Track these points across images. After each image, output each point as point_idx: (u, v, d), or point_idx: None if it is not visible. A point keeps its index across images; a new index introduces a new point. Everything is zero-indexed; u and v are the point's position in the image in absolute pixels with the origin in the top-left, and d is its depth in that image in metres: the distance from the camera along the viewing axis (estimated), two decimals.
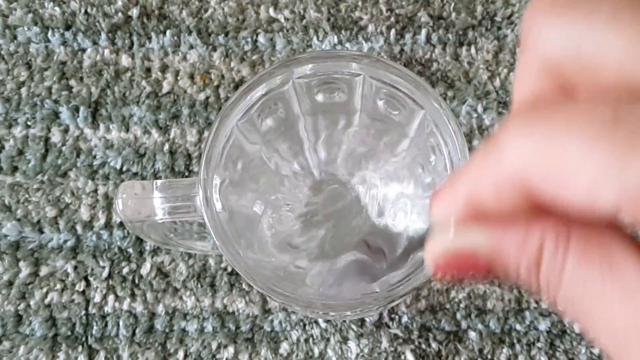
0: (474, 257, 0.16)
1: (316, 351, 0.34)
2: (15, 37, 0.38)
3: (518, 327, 0.34)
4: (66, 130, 0.36)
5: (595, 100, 0.13)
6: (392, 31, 0.37)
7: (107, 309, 0.34)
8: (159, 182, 0.26)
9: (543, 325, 0.34)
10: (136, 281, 0.35)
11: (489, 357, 0.34)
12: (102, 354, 0.34)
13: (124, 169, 0.36)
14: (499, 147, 0.14)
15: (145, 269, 0.35)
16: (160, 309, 0.34)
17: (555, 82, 0.15)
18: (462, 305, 0.34)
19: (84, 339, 0.34)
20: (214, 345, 0.34)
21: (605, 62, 0.14)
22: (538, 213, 0.14)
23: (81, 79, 0.37)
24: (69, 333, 0.34)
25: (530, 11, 0.15)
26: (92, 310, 0.34)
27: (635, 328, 0.14)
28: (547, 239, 0.14)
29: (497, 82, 0.37)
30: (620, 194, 0.12)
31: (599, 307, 0.14)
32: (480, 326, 0.34)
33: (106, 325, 0.34)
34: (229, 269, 0.35)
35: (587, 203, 0.13)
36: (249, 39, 0.37)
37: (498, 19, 0.38)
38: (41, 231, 0.35)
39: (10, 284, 0.35)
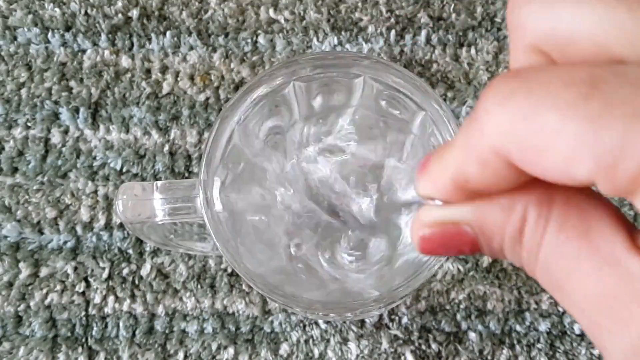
0: (459, 230, 0.16)
1: (316, 352, 0.34)
2: (15, 38, 0.38)
3: (518, 328, 0.34)
4: (66, 131, 0.36)
5: (572, 65, 0.13)
6: (392, 32, 0.37)
7: (107, 310, 0.34)
8: (159, 183, 0.26)
9: (543, 326, 0.34)
10: (136, 282, 0.35)
11: (489, 358, 0.34)
12: (102, 355, 0.34)
13: (124, 170, 0.36)
14: (479, 120, 0.14)
15: (145, 270, 0.35)
16: (160, 310, 0.34)
17: (544, 58, 0.15)
18: (462, 306, 0.34)
19: (83, 340, 0.34)
20: (214, 346, 0.34)
21: (579, 37, 0.14)
22: (524, 185, 0.14)
23: (81, 80, 0.37)
24: (69, 334, 0.34)
25: None
26: (92, 311, 0.34)
27: (606, 299, 0.14)
28: (529, 209, 0.15)
29: None
30: (593, 166, 0.12)
31: (573, 276, 0.14)
32: (480, 327, 0.34)
33: (106, 326, 0.34)
34: (229, 270, 0.35)
35: (564, 174, 0.13)
36: (249, 40, 0.38)
37: (498, 20, 0.38)
38: (41, 232, 0.35)
39: (10, 285, 0.35)
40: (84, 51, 0.37)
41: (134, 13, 0.38)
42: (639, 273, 0.13)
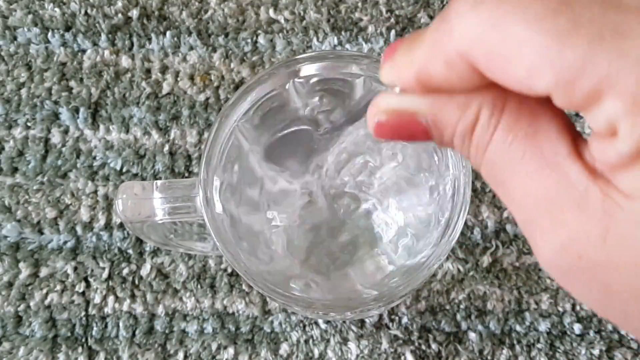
0: (414, 119, 0.16)
1: (316, 352, 0.34)
2: (15, 38, 0.38)
3: (518, 328, 0.34)
4: (66, 131, 0.36)
5: None
6: (392, 32, 0.38)
7: (107, 310, 0.34)
8: (158, 182, 0.26)
9: (543, 326, 0.34)
10: (136, 282, 0.35)
11: (489, 358, 0.34)
12: (102, 355, 0.34)
13: (124, 170, 0.36)
14: (450, 21, 0.14)
15: (145, 270, 0.35)
16: (160, 310, 0.34)
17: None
18: (462, 307, 0.34)
19: (83, 340, 0.34)
20: (214, 346, 0.34)
21: None
22: (482, 86, 0.15)
23: (81, 80, 0.37)
24: (69, 334, 0.34)
25: None
26: (92, 311, 0.34)
27: (543, 199, 0.14)
28: (483, 108, 0.15)
29: None
30: (552, 80, 0.13)
31: (515, 175, 0.15)
32: (480, 327, 0.34)
33: (106, 326, 0.34)
34: (229, 270, 0.35)
35: (525, 84, 0.14)
36: (249, 40, 0.38)
37: None
38: (41, 232, 0.35)
39: (10, 285, 0.35)
40: (84, 51, 0.37)
41: (134, 13, 0.38)
42: (576, 179, 0.14)
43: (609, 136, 0.13)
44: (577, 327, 0.34)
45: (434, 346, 0.34)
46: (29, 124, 0.37)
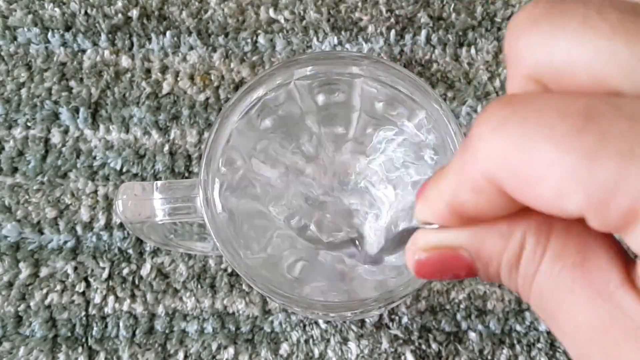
0: (455, 255, 0.16)
1: (316, 352, 0.34)
2: (15, 38, 0.38)
3: (518, 327, 0.34)
4: (66, 131, 0.36)
5: (568, 94, 0.13)
6: (392, 32, 0.37)
7: (107, 310, 0.34)
8: (159, 183, 0.26)
9: (543, 326, 0.34)
10: (136, 282, 0.35)
11: (489, 358, 0.34)
12: (102, 355, 0.34)
13: (124, 170, 0.36)
14: (473, 146, 0.14)
15: (145, 269, 0.35)
16: (160, 309, 0.34)
17: (541, 87, 0.15)
18: (462, 306, 0.34)
19: (84, 340, 0.34)
20: (214, 346, 0.34)
21: (576, 67, 0.14)
22: (522, 211, 0.14)
23: (81, 80, 0.37)
24: (69, 334, 0.34)
25: (510, 24, 0.15)
26: (92, 311, 0.34)
27: (597, 332, 0.14)
28: (528, 236, 0.15)
29: (497, 83, 0.37)
30: (584, 201, 0.12)
31: (565, 307, 0.14)
32: (480, 327, 0.34)
33: (106, 326, 0.34)
34: (229, 270, 0.35)
35: (555, 206, 0.13)
36: (249, 40, 0.38)
37: (498, 19, 0.38)
38: (41, 232, 0.35)
39: (10, 285, 0.35)
40: (84, 51, 0.37)
41: (134, 13, 0.38)
42: (630, 309, 0.13)
43: None
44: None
45: (434, 346, 0.34)
46: (29, 124, 0.37)
